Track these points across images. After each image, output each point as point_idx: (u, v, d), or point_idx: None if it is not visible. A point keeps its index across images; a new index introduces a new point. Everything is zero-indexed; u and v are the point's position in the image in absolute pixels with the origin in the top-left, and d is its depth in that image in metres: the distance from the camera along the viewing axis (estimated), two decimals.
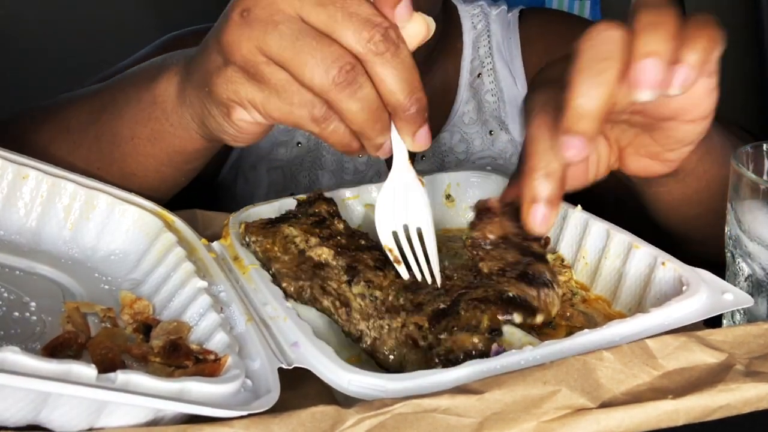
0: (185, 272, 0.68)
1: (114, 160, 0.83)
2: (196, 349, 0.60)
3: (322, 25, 0.62)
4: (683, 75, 0.60)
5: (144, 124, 0.81)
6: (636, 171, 0.74)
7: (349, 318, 0.68)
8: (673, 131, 0.69)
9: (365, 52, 0.62)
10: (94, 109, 0.86)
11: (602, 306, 0.73)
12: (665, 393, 0.53)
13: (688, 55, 0.60)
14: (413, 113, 0.64)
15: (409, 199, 0.68)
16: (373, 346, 0.66)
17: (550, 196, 0.64)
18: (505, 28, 1.28)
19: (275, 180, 1.21)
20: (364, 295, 0.68)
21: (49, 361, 0.48)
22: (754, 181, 0.66)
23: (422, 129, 0.65)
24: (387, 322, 0.66)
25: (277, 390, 0.55)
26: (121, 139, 0.82)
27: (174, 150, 0.81)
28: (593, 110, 0.59)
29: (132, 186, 0.81)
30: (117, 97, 0.84)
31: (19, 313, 0.64)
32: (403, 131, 0.65)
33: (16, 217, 0.74)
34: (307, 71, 0.62)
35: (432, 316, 0.64)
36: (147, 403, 0.50)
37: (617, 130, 0.73)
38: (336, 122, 0.65)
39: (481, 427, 0.51)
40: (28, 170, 0.74)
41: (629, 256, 0.71)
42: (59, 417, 0.49)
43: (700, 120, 0.68)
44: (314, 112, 0.64)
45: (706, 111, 0.68)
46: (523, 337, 0.63)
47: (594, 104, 0.59)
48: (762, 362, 0.56)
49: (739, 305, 0.63)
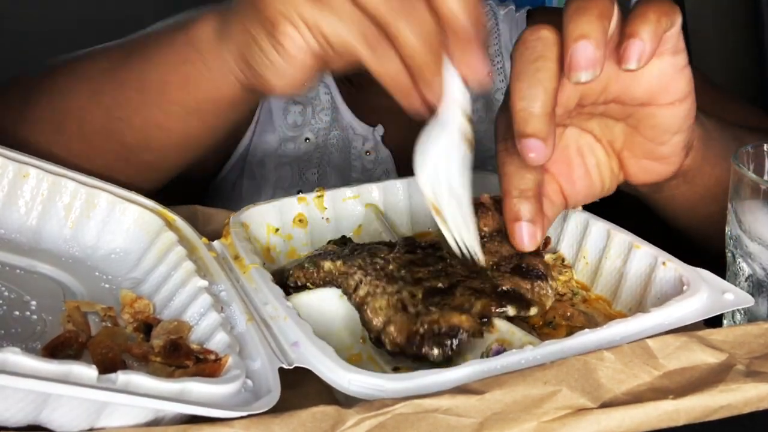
0: (186, 271, 0.68)
1: (138, 108, 0.80)
2: (196, 348, 0.60)
3: None
4: (634, 47, 0.61)
5: (175, 67, 0.77)
6: (639, 176, 0.74)
7: (347, 269, 0.68)
8: (654, 119, 0.69)
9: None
10: (120, 56, 0.82)
11: (603, 306, 0.73)
12: (666, 393, 0.53)
13: (637, 27, 0.61)
14: (470, 31, 0.61)
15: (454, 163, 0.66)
16: (363, 300, 0.66)
17: (530, 215, 0.65)
18: (513, 28, 1.28)
19: (283, 176, 1.20)
20: (366, 259, 0.69)
21: (49, 362, 0.48)
22: (755, 181, 0.66)
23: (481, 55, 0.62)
24: (384, 284, 0.66)
25: (277, 390, 0.55)
26: (150, 84, 0.79)
27: (205, 97, 0.77)
28: (536, 110, 0.60)
29: (154, 141, 0.79)
30: (146, 42, 0.80)
31: (20, 312, 0.63)
32: (460, 58, 0.62)
33: (16, 215, 0.74)
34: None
35: (428, 290, 0.65)
36: (148, 404, 0.49)
37: (602, 126, 0.73)
38: (390, 51, 0.62)
39: (481, 427, 0.51)
40: (29, 168, 0.74)
41: (630, 255, 0.71)
42: (60, 417, 0.49)
43: (678, 102, 0.68)
44: (368, 35, 0.61)
45: (681, 91, 0.68)
46: (523, 337, 0.63)
47: (536, 104, 0.60)
48: (763, 362, 0.56)
49: (739, 305, 0.63)
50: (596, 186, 0.74)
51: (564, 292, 0.74)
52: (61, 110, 0.82)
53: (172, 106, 0.79)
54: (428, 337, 0.61)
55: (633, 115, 0.70)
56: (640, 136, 0.71)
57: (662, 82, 0.67)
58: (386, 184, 0.87)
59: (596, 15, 0.60)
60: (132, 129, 0.80)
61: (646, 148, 0.72)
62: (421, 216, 0.88)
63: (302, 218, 0.84)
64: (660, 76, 0.66)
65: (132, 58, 0.81)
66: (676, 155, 0.73)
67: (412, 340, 0.62)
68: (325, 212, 0.85)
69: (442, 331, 0.61)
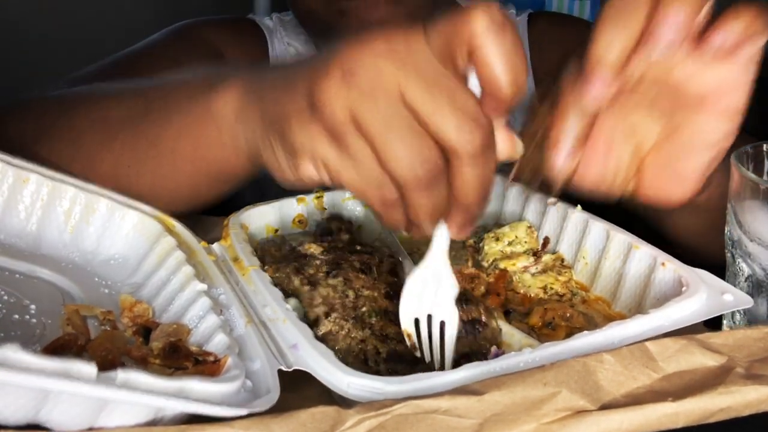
0: (185, 275, 0.68)
1: (149, 161, 0.80)
2: (195, 350, 0.60)
3: (423, 110, 0.58)
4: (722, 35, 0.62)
5: (192, 131, 0.77)
6: (651, 192, 0.71)
7: (312, 299, 0.68)
8: (698, 124, 0.68)
9: (461, 148, 0.58)
10: (138, 107, 0.82)
11: (602, 307, 0.73)
12: (665, 395, 0.53)
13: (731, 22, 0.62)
14: (471, 214, 0.61)
15: (439, 291, 0.65)
16: (325, 337, 0.65)
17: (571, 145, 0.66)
18: None
19: None
20: (337, 288, 0.69)
21: (49, 359, 0.48)
22: (755, 182, 0.66)
23: (470, 228, 0.63)
24: (350, 327, 0.66)
25: (276, 390, 0.55)
26: (164, 141, 0.79)
27: (216, 161, 0.77)
28: (611, 60, 0.61)
29: (163, 192, 0.79)
30: (167, 102, 0.80)
31: (19, 316, 0.64)
32: (453, 222, 0.62)
33: (16, 220, 0.74)
34: (392, 159, 0.58)
35: (392, 351, 0.65)
36: (147, 401, 0.49)
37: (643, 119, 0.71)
38: (400, 209, 0.62)
39: (481, 429, 0.51)
40: (29, 174, 0.74)
41: (629, 256, 0.72)
42: (59, 416, 0.49)
43: (727, 116, 0.67)
44: (386, 196, 0.61)
45: (735, 105, 0.67)
46: (522, 339, 0.63)
47: (612, 54, 0.61)
48: (762, 365, 0.56)
49: (738, 306, 0.63)
50: (608, 177, 0.72)
51: (563, 293, 0.74)
52: (73, 145, 0.82)
53: (183, 163, 0.79)
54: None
55: (680, 112, 0.68)
56: (672, 143, 0.69)
57: (724, 86, 0.66)
58: None
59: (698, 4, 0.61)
60: (140, 178, 0.80)
61: (672, 158, 0.70)
62: None
63: (302, 219, 0.84)
64: (724, 80, 0.65)
65: (151, 112, 0.80)
66: (695, 179, 0.70)
67: None
68: (325, 213, 0.85)
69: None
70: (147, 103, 0.81)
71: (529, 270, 0.77)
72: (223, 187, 0.81)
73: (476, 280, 0.75)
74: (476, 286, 0.74)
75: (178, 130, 0.78)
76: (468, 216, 0.61)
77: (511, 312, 0.72)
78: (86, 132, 0.83)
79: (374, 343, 0.65)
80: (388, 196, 0.61)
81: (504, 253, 0.79)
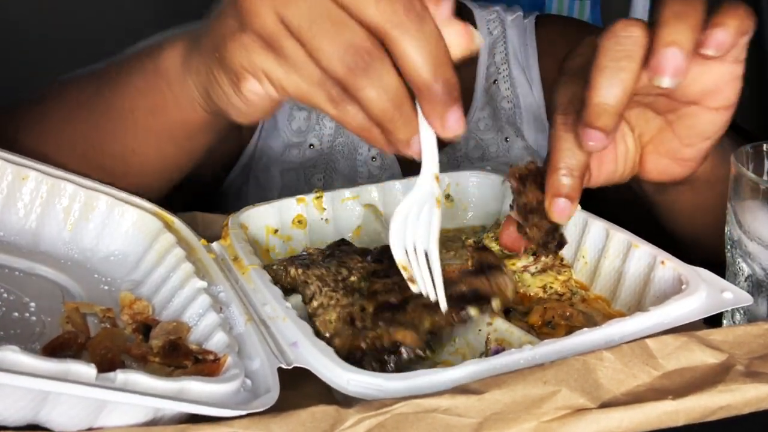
0: (185, 273, 0.68)
1: (115, 136, 0.81)
2: (195, 349, 0.60)
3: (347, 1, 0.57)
4: (719, 36, 0.63)
5: (145, 94, 0.78)
6: (654, 173, 0.75)
7: (306, 279, 0.69)
8: (694, 119, 0.70)
9: (385, 23, 0.56)
10: (93, 84, 0.84)
11: (602, 305, 0.72)
12: (665, 393, 0.53)
13: (726, 19, 0.63)
14: (440, 92, 0.57)
15: (422, 219, 0.64)
16: (314, 312, 0.66)
17: (570, 191, 0.67)
18: (521, 34, 1.28)
19: (289, 182, 1.20)
20: (330, 268, 0.70)
21: (48, 360, 0.48)
22: (754, 181, 0.66)
23: (453, 111, 0.58)
24: (339, 296, 0.67)
25: (276, 390, 0.55)
26: (122, 112, 0.80)
27: (175, 123, 0.77)
28: (612, 107, 0.62)
29: (133, 167, 0.80)
30: (120, 70, 0.81)
31: (19, 314, 0.63)
32: (431, 115, 0.59)
33: (15, 218, 0.74)
34: (322, 55, 0.58)
35: (380, 304, 0.65)
36: (146, 402, 0.49)
37: (639, 116, 0.74)
38: (354, 107, 0.60)
39: (481, 427, 0.51)
40: (28, 171, 0.74)
41: (629, 255, 0.71)
42: (58, 416, 0.49)
43: (723, 110, 0.69)
44: (331, 93, 0.60)
45: (729, 99, 0.69)
46: (522, 336, 0.63)
47: (613, 102, 0.62)
48: (762, 362, 0.56)
49: (738, 304, 0.63)
50: (618, 171, 0.75)
51: (563, 292, 0.74)
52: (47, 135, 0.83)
53: (144, 132, 0.80)
54: (369, 352, 0.62)
55: (676, 111, 0.71)
56: (671, 133, 0.72)
57: (718, 85, 0.68)
58: (385, 184, 0.87)
59: (691, 25, 0.62)
60: (109, 156, 0.81)
61: (672, 147, 0.73)
62: None
63: (301, 219, 0.84)
64: (718, 79, 0.68)
65: (103, 87, 0.82)
66: (696, 161, 0.74)
67: (355, 354, 0.62)
68: (324, 213, 0.85)
69: (383, 346, 0.62)
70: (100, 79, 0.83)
71: (529, 269, 0.77)
72: (191, 147, 0.82)
73: None
74: None
75: (130, 97, 0.79)
76: (439, 99, 0.58)
77: (511, 311, 0.72)
78: (53, 120, 0.84)
79: (361, 302, 0.66)
80: (333, 94, 0.60)
81: (504, 253, 0.79)
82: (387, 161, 1.20)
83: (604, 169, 0.74)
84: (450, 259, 0.80)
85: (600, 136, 0.62)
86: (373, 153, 1.20)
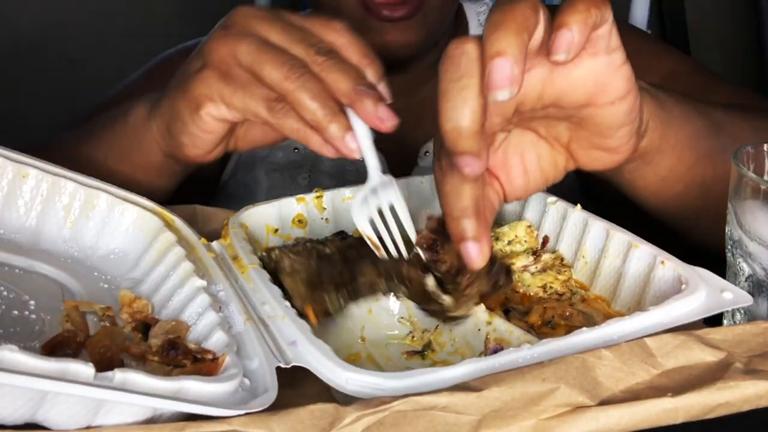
0: (184, 271, 0.68)
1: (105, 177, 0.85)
2: (194, 348, 0.60)
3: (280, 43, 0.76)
4: (563, 38, 0.59)
5: (114, 144, 0.92)
6: (591, 165, 0.72)
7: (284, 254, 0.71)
8: (597, 117, 0.67)
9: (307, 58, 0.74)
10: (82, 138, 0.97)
11: (602, 306, 0.72)
12: (664, 391, 0.53)
13: (566, 18, 0.60)
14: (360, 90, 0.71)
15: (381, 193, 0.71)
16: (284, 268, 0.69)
17: (474, 233, 0.63)
18: None
19: (274, 183, 1.20)
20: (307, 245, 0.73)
21: (46, 360, 0.48)
22: (755, 181, 0.66)
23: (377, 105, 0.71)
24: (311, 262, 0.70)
25: (274, 389, 0.55)
26: (97, 161, 0.92)
27: (139, 166, 0.91)
28: (465, 130, 0.59)
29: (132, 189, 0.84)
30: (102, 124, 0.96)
31: (18, 312, 0.63)
32: (360, 111, 0.71)
33: (15, 215, 0.74)
34: (265, 72, 0.74)
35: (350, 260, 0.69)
36: (144, 401, 0.49)
37: (545, 125, 0.71)
38: (289, 112, 0.74)
39: (479, 425, 0.51)
40: (28, 169, 0.74)
41: (629, 255, 0.71)
42: (56, 416, 0.49)
43: (619, 101, 0.66)
44: (269, 102, 0.75)
45: (621, 90, 0.66)
46: (521, 336, 0.63)
47: (465, 122, 0.58)
48: (762, 360, 0.56)
49: (738, 304, 0.63)
50: (537, 180, 0.72)
51: (563, 292, 0.74)
52: None
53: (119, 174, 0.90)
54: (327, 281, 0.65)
55: (574, 115, 0.68)
56: (584, 131, 0.69)
57: (599, 82, 0.65)
58: None
59: (513, 30, 0.58)
60: None
61: (593, 141, 0.70)
62: (420, 216, 0.88)
63: (301, 219, 0.84)
64: (596, 77, 0.64)
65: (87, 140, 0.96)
66: (625, 145, 0.70)
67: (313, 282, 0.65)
68: (324, 212, 0.85)
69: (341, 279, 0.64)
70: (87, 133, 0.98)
71: (529, 269, 0.77)
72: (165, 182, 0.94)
73: None
74: None
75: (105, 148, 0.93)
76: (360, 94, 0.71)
77: (511, 311, 0.72)
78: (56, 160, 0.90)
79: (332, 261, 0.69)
80: (272, 102, 0.75)
81: (504, 252, 0.79)
82: None
83: (516, 183, 0.71)
84: None
85: (469, 160, 0.59)
86: None
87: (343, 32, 0.77)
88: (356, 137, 0.72)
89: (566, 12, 0.60)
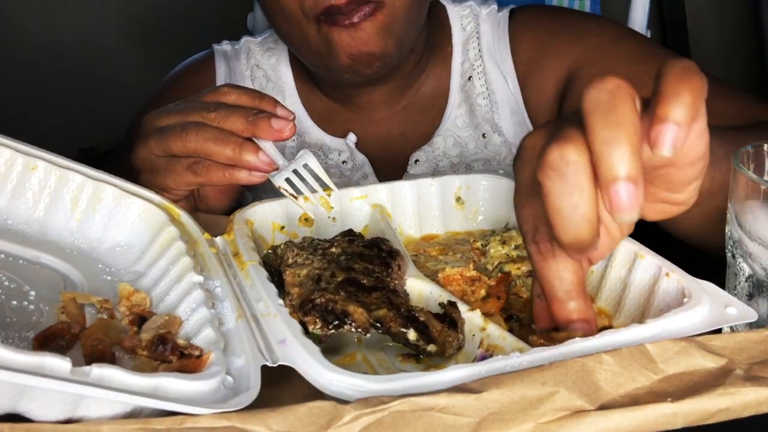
0: (183, 267, 0.67)
1: None
2: (182, 344, 0.58)
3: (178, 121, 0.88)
4: (669, 134, 0.56)
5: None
6: (654, 217, 0.68)
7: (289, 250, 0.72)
8: (673, 176, 0.64)
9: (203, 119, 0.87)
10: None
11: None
12: (664, 396, 0.51)
13: (671, 110, 0.56)
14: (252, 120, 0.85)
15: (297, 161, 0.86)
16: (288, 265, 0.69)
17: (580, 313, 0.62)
18: (495, 28, 1.22)
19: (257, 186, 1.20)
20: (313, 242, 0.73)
21: (24, 354, 0.47)
22: (755, 181, 0.65)
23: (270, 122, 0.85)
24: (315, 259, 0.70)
25: (256, 388, 0.54)
26: None
27: None
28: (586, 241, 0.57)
29: None
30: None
31: (17, 302, 0.62)
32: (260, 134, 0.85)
33: (24, 207, 0.73)
34: (172, 146, 0.86)
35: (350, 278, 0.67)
36: (119, 398, 0.48)
37: None
38: (210, 165, 0.85)
39: (478, 427, 0.49)
40: (37, 161, 0.73)
41: (634, 265, 0.69)
42: (37, 408, 0.49)
43: (699, 161, 0.63)
44: (191, 167, 0.86)
45: (700, 153, 0.62)
46: (513, 343, 0.61)
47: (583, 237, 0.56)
48: (762, 367, 0.54)
49: (741, 320, 0.60)
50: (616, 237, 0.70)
51: None
52: None
53: None
54: (319, 309, 0.62)
55: (651, 174, 0.63)
56: (654, 188, 0.65)
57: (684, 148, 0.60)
58: (394, 185, 0.85)
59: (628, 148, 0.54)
60: None
61: (660, 196, 0.66)
62: (428, 218, 0.86)
63: (308, 217, 0.82)
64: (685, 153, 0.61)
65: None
66: (692, 198, 0.66)
67: (305, 305, 0.62)
68: (332, 211, 0.83)
69: (332, 310, 0.62)
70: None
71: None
72: None
73: (477, 282, 0.73)
74: (476, 289, 0.72)
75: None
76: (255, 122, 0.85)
77: (514, 317, 0.70)
78: None
79: (334, 269, 0.67)
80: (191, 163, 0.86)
81: (510, 257, 0.77)
82: (357, 162, 1.18)
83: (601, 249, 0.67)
84: (455, 263, 0.79)
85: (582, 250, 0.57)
86: (343, 157, 1.19)
87: (229, 91, 0.89)
88: (267, 153, 0.85)
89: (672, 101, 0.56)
